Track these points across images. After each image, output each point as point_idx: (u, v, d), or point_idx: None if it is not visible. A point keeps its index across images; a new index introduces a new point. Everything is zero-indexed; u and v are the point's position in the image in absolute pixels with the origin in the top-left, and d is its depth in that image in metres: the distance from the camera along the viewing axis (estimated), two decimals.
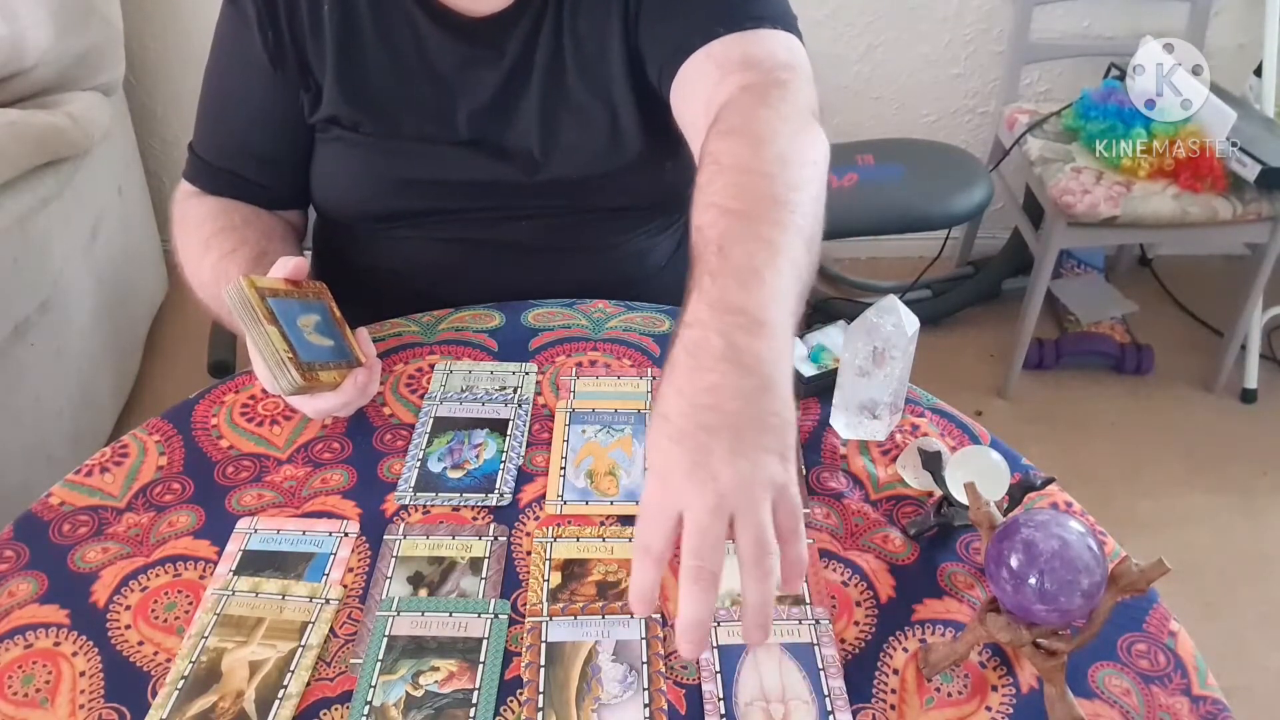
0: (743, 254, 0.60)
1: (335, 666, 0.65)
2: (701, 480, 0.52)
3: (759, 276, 0.59)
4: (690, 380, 0.56)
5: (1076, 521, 0.59)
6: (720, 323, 0.57)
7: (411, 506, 0.76)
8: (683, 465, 0.53)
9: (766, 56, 0.80)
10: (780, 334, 0.58)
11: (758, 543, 0.51)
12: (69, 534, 0.73)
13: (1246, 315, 1.98)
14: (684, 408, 0.55)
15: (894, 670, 0.65)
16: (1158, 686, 0.64)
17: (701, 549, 0.51)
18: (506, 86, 0.91)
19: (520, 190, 0.94)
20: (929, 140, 2.08)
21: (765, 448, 0.53)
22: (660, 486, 0.54)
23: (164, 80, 2.17)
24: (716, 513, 0.51)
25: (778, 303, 0.59)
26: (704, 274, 0.60)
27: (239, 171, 0.94)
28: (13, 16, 1.58)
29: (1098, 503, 0.78)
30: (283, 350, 0.74)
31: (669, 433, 0.54)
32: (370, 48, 0.89)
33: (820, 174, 0.70)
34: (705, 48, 0.81)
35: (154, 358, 2.04)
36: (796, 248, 0.63)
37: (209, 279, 0.87)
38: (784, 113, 0.73)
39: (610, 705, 0.62)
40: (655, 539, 0.53)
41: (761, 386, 0.55)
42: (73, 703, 0.62)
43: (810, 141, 0.72)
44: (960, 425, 0.83)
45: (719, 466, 0.52)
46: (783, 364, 0.57)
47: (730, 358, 0.55)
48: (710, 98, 0.78)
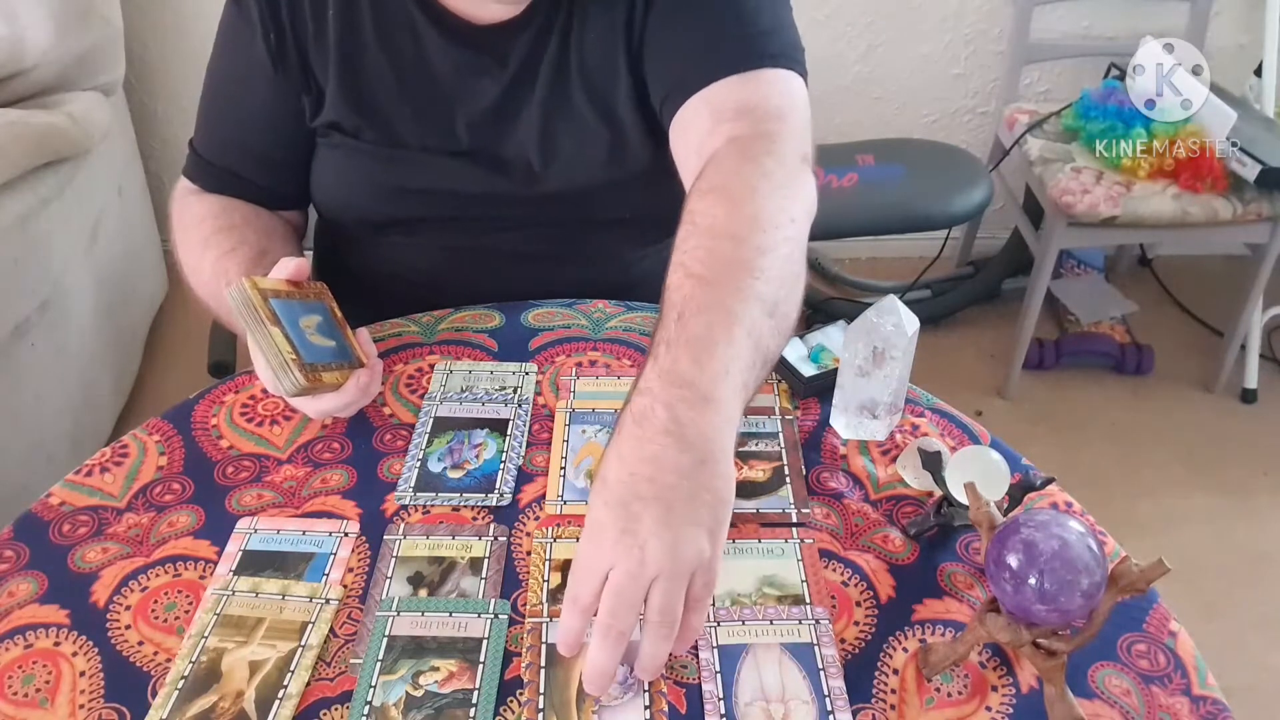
0: (700, 324, 0.63)
1: (335, 666, 0.65)
2: (628, 547, 0.56)
3: (712, 350, 0.62)
4: (633, 449, 0.59)
5: (1076, 521, 0.59)
6: (667, 395, 0.60)
7: (411, 506, 0.76)
8: (613, 530, 0.57)
9: (759, 103, 0.80)
10: (725, 409, 0.60)
11: (661, 610, 0.56)
12: (69, 534, 0.73)
13: (1246, 315, 1.98)
14: (622, 475, 0.58)
15: (894, 670, 0.65)
16: (1158, 686, 0.64)
17: (617, 609, 0.56)
18: (508, 96, 0.90)
19: (519, 201, 0.94)
20: (929, 140, 2.09)
21: (694, 522, 0.57)
22: (593, 546, 0.58)
23: (164, 80, 2.17)
24: (637, 578, 0.56)
25: (727, 377, 0.61)
26: (661, 342, 0.63)
27: (238, 170, 0.94)
28: (13, 16, 1.58)
29: (1098, 503, 0.78)
30: (286, 351, 0.74)
31: (605, 498, 0.58)
32: (371, 52, 0.89)
33: (798, 232, 0.72)
34: (703, 92, 0.81)
35: (154, 358, 2.04)
36: (755, 315, 0.65)
37: (208, 277, 0.87)
38: (767, 168, 0.74)
39: (611, 706, 0.62)
40: (584, 592, 0.58)
41: (699, 461, 0.58)
42: (73, 703, 0.62)
43: (791, 196, 0.73)
44: (960, 425, 0.83)
45: (646, 536, 0.56)
46: (723, 439, 0.60)
47: (673, 431, 0.58)
48: (701, 146, 0.79)
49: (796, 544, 0.73)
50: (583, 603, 0.58)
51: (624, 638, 0.56)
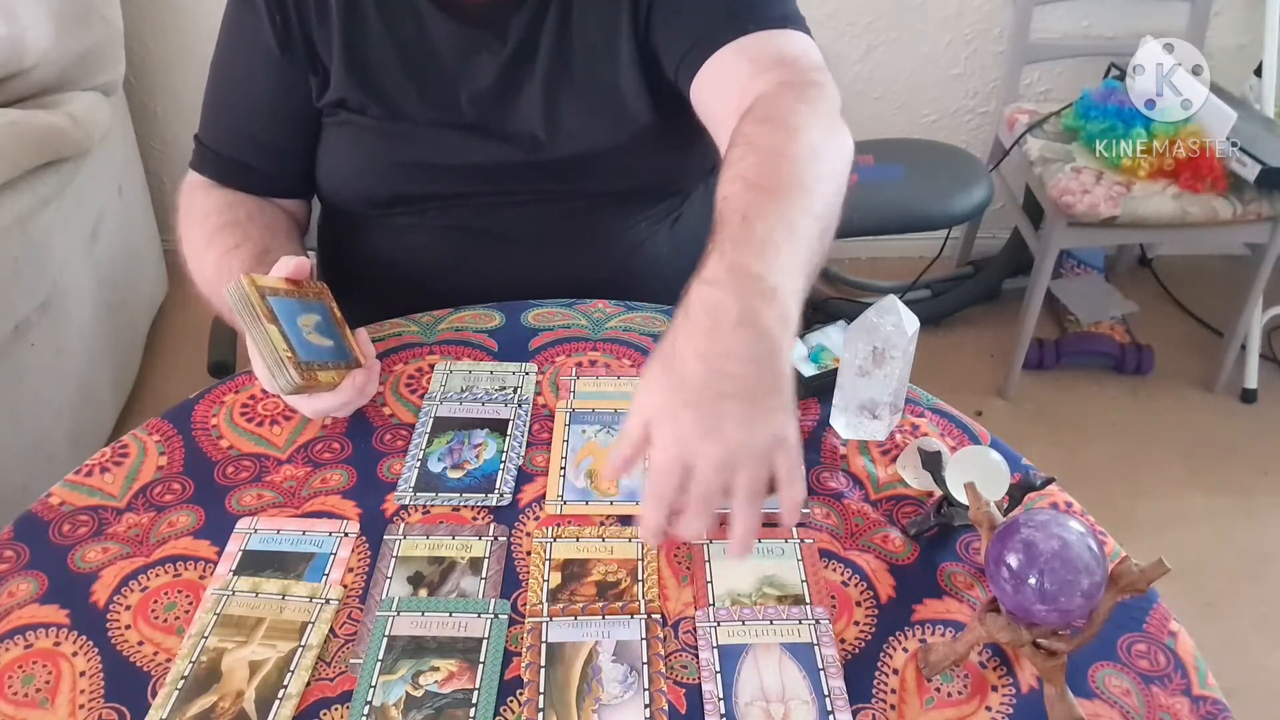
0: (764, 227, 0.64)
1: (335, 666, 0.65)
2: (714, 442, 0.57)
3: (778, 249, 0.63)
4: (709, 343, 0.59)
5: (1076, 521, 0.59)
6: (739, 286, 0.61)
7: (411, 506, 0.76)
8: (698, 429, 0.57)
9: (801, 55, 0.83)
10: (790, 303, 0.62)
11: (749, 493, 0.57)
12: (69, 534, 0.73)
13: (1246, 315, 1.98)
14: (702, 373, 0.58)
15: (894, 670, 0.65)
16: (1158, 686, 0.64)
17: (709, 496, 0.57)
18: (509, 71, 0.91)
19: (524, 172, 0.95)
20: (929, 140, 2.08)
21: (773, 407, 0.58)
22: (674, 446, 0.58)
23: (164, 80, 2.17)
24: (722, 469, 0.57)
25: (791, 275, 0.63)
26: (726, 239, 0.64)
27: (245, 159, 0.95)
28: (13, 16, 1.58)
29: (1098, 503, 0.78)
30: (282, 349, 0.74)
31: (686, 396, 0.58)
32: (374, 31, 0.90)
33: (844, 171, 0.75)
34: (736, 43, 0.83)
35: (154, 358, 2.03)
36: (813, 232, 0.67)
37: (211, 274, 0.87)
38: (821, 110, 0.77)
39: (611, 705, 0.62)
40: (668, 490, 0.58)
41: (771, 350, 0.59)
42: (73, 703, 0.62)
43: (839, 142, 0.76)
44: (960, 425, 0.83)
45: (731, 430, 0.57)
46: (789, 330, 0.61)
47: (747, 322, 0.59)
48: (745, 89, 0.80)
49: (796, 544, 0.73)
50: (669, 499, 0.58)
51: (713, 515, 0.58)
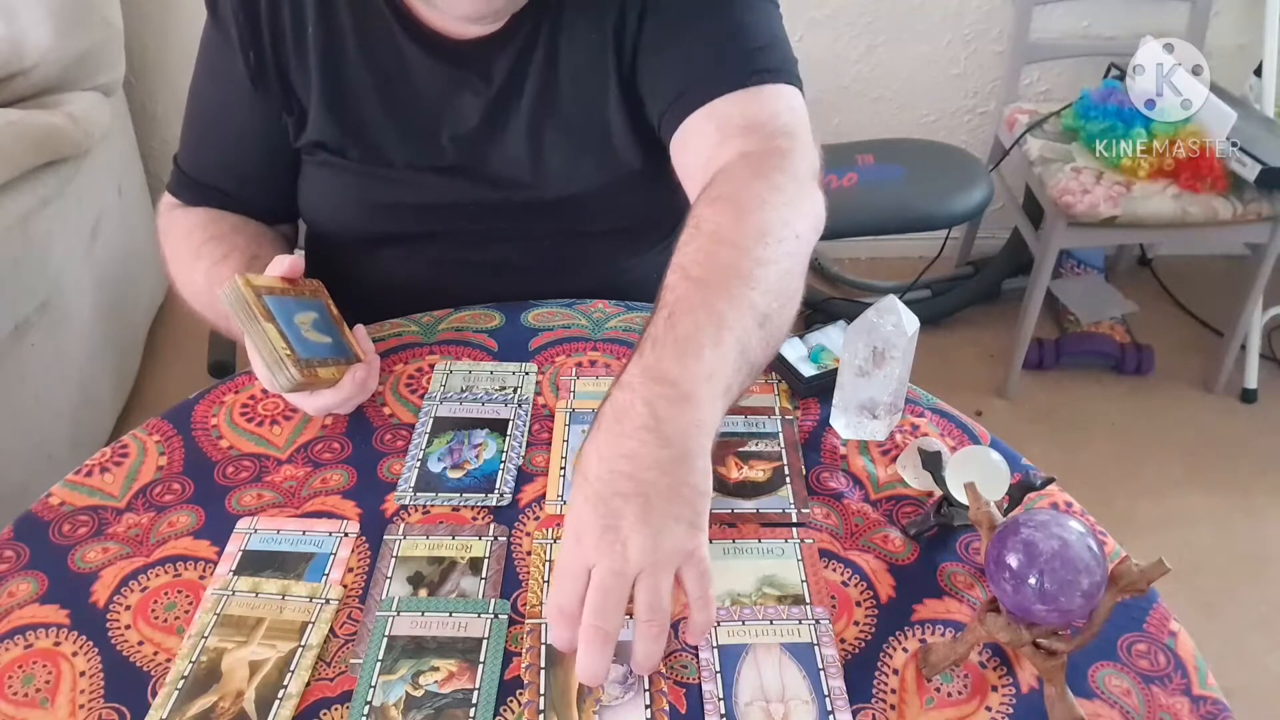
0: (689, 324, 0.63)
1: (335, 666, 0.65)
2: (610, 543, 0.56)
3: (699, 351, 0.62)
4: (611, 445, 0.59)
5: (1076, 521, 0.59)
6: (648, 391, 0.60)
7: (411, 506, 0.76)
8: (595, 529, 0.56)
9: (769, 120, 0.79)
10: (705, 408, 0.60)
11: (649, 606, 0.56)
12: (69, 534, 0.73)
13: (1246, 315, 1.98)
14: (602, 472, 0.58)
15: (894, 670, 0.65)
16: (1158, 687, 0.64)
17: (603, 608, 0.55)
18: (493, 111, 0.89)
19: (509, 211, 0.93)
20: (929, 140, 2.08)
21: (675, 516, 0.57)
22: (574, 546, 0.57)
23: (164, 80, 2.17)
24: (620, 575, 0.55)
25: (710, 380, 0.61)
26: (648, 340, 0.63)
27: (224, 189, 0.94)
28: (13, 16, 1.58)
29: (1098, 503, 0.78)
30: (280, 348, 0.74)
31: (585, 494, 0.58)
32: (353, 69, 0.88)
33: (801, 248, 0.72)
34: (705, 107, 0.81)
35: (154, 358, 2.04)
36: (746, 323, 0.65)
37: (203, 286, 0.86)
38: (778, 183, 0.74)
39: (611, 706, 0.62)
40: (568, 598, 0.57)
41: (678, 458, 0.58)
42: (73, 703, 0.62)
43: (798, 212, 0.73)
44: (960, 425, 0.83)
45: (628, 532, 0.56)
46: (702, 436, 0.60)
47: (651, 427, 0.58)
48: (709, 159, 0.78)
49: (796, 544, 0.73)
50: (569, 609, 0.57)
51: (611, 638, 0.55)
